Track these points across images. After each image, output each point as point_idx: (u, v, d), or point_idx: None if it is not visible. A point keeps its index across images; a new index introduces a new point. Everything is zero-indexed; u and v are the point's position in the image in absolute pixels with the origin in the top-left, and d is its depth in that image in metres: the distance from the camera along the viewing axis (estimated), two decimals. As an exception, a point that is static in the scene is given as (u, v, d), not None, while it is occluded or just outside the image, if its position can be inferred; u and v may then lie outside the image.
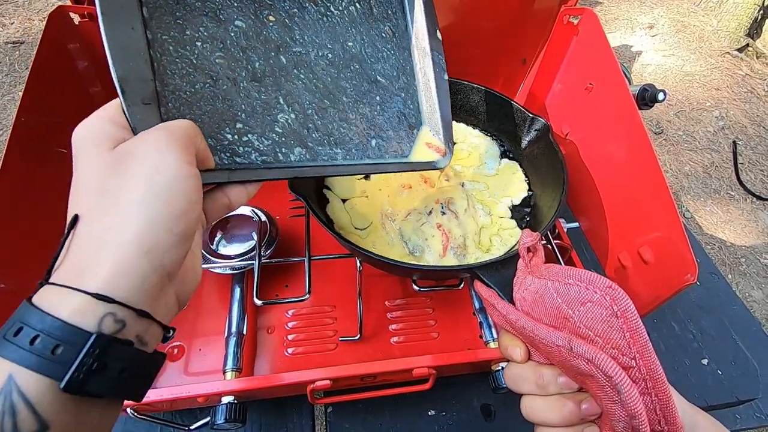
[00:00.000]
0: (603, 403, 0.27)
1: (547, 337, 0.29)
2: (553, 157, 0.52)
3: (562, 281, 0.30)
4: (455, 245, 0.48)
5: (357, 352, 0.51)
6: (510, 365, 0.33)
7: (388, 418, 0.50)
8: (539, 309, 0.31)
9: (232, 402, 0.42)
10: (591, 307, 0.28)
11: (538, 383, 0.31)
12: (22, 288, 0.38)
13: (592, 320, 0.28)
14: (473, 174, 0.57)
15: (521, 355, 0.32)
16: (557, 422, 0.29)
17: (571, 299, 0.29)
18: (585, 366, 0.27)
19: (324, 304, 0.55)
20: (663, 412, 0.26)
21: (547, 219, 0.47)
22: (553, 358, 0.30)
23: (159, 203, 0.22)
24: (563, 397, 0.29)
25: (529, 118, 0.56)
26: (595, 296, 0.28)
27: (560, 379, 0.30)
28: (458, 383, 0.52)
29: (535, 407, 0.31)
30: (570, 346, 0.28)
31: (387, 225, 0.50)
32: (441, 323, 0.55)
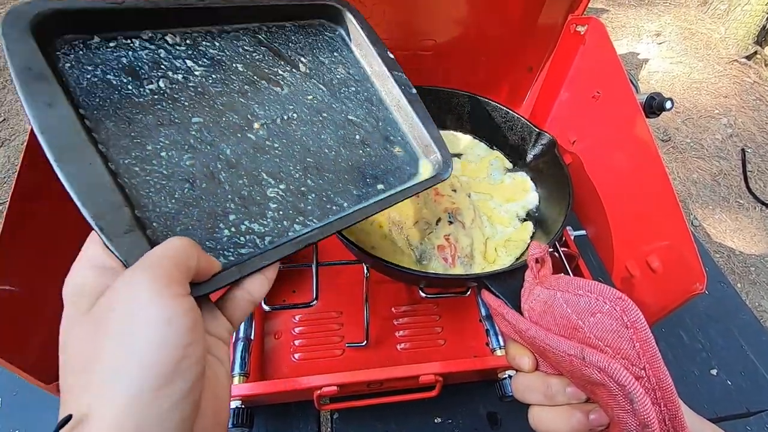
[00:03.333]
0: (614, 412, 0.27)
1: (558, 347, 0.30)
2: (559, 172, 0.52)
3: (572, 292, 0.30)
4: (462, 255, 0.48)
5: (363, 359, 0.51)
6: (517, 375, 0.33)
7: (394, 425, 0.50)
8: (548, 319, 0.31)
9: (240, 407, 0.42)
10: (601, 318, 0.28)
11: (546, 393, 0.31)
12: (33, 291, 0.38)
13: (602, 330, 0.28)
14: (479, 185, 0.57)
15: (529, 364, 0.32)
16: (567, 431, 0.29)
17: (581, 310, 0.29)
18: (597, 375, 0.27)
19: (331, 309, 0.55)
20: (672, 422, 0.26)
21: (554, 231, 0.47)
22: (563, 367, 0.30)
23: (142, 369, 0.19)
24: (571, 407, 0.30)
25: (536, 133, 0.56)
26: (605, 307, 0.28)
27: (568, 389, 0.30)
28: (464, 391, 0.52)
29: (543, 417, 0.31)
30: (582, 355, 0.28)
31: (395, 232, 0.51)
32: (447, 330, 0.55)
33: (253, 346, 0.49)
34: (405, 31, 0.58)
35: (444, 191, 0.53)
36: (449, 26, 0.59)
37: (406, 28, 0.58)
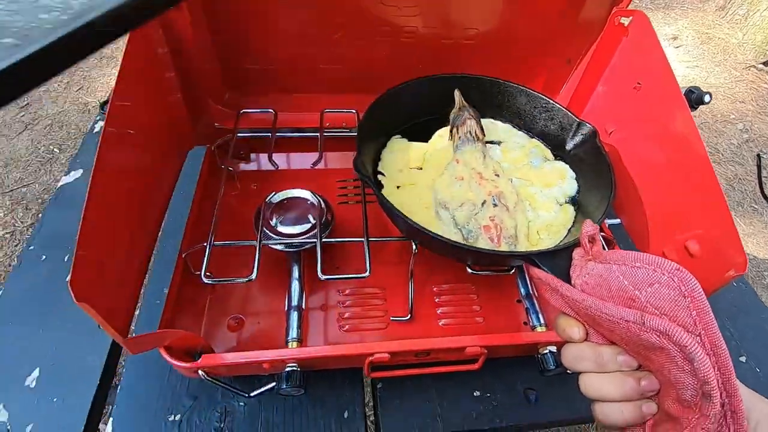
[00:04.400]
0: (671, 374, 0.29)
1: (616, 314, 0.31)
2: (600, 161, 0.54)
3: (630, 265, 0.31)
4: (507, 236, 0.50)
5: (407, 332, 0.54)
6: (568, 345, 0.35)
7: (435, 395, 0.52)
8: (603, 291, 0.33)
9: (296, 369, 0.45)
10: (659, 288, 0.29)
11: (597, 361, 0.32)
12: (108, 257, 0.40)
13: (659, 299, 0.29)
14: (520, 171, 0.59)
15: (579, 334, 0.34)
16: (617, 397, 0.31)
17: (639, 281, 0.30)
18: (656, 339, 0.29)
19: (374, 285, 0.57)
20: (726, 385, 0.27)
21: (595, 219, 0.49)
22: (616, 335, 0.32)
23: None
24: (623, 374, 0.31)
25: (576, 123, 0.58)
26: (663, 278, 0.29)
27: (620, 357, 0.31)
28: (502, 367, 0.54)
29: (595, 384, 0.32)
30: (642, 320, 0.30)
31: (441, 212, 0.53)
32: (486, 308, 0.57)
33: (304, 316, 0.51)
34: (448, 20, 0.60)
35: (487, 176, 0.55)
36: (492, 17, 0.61)
37: (450, 18, 0.60)
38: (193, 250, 0.51)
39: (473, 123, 0.59)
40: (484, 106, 0.63)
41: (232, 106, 0.67)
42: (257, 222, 0.54)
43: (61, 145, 1.90)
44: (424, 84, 0.60)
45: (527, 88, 0.61)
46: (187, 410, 0.49)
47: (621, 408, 0.31)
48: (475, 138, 0.58)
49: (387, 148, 0.60)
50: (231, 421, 0.48)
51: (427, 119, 0.63)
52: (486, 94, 0.63)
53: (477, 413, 0.52)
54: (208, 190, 0.62)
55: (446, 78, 0.61)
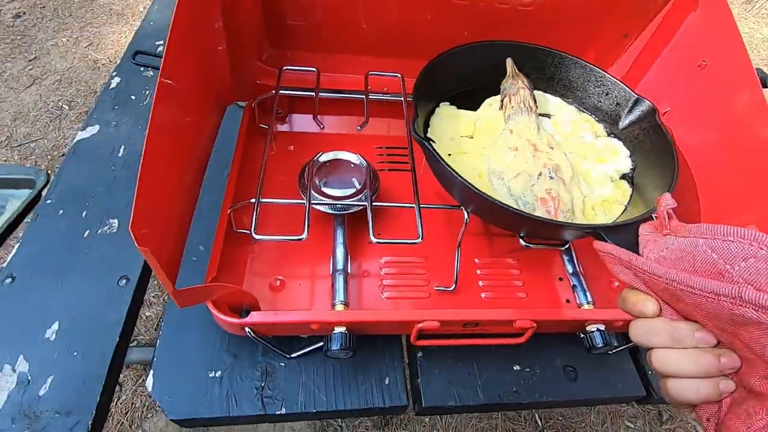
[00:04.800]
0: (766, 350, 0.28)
1: (707, 287, 0.30)
2: (661, 140, 0.52)
3: (720, 238, 0.30)
4: (564, 210, 0.49)
5: (449, 303, 0.53)
6: (638, 320, 0.34)
7: (475, 368, 0.52)
8: (684, 266, 0.32)
9: (345, 332, 0.44)
10: (755, 263, 0.28)
11: (673, 337, 0.31)
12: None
13: (755, 274, 0.28)
14: (572, 146, 0.57)
15: (654, 309, 0.33)
16: (693, 373, 0.30)
17: (732, 255, 0.29)
18: (753, 313, 0.28)
19: (416, 254, 0.56)
20: None
21: (651, 196, 0.48)
22: (700, 311, 0.31)
23: None
24: (701, 350, 0.30)
25: (633, 99, 0.56)
26: (760, 252, 0.28)
27: (697, 333, 0.30)
28: (542, 343, 0.54)
29: (669, 359, 0.31)
30: (739, 293, 0.29)
31: (495, 182, 0.51)
32: (528, 284, 0.56)
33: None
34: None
35: (541, 148, 0.53)
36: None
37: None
38: (238, 206, 0.49)
39: (527, 93, 0.57)
40: (536, 77, 0.61)
41: (274, 63, 0.64)
42: (302, 181, 0.53)
43: (71, 101, 1.86)
44: (479, 49, 0.58)
45: (583, 60, 0.59)
46: (227, 367, 0.48)
47: (698, 384, 0.30)
48: (528, 109, 0.56)
49: (436, 114, 0.58)
50: (272, 381, 0.48)
51: (475, 87, 0.61)
52: (539, 65, 0.61)
53: (517, 387, 0.51)
54: (248, 148, 0.59)
55: (501, 45, 0.59)
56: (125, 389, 1.24)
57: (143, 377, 1.26)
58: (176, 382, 0.47)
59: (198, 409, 0.45)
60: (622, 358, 0.55)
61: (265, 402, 0.46)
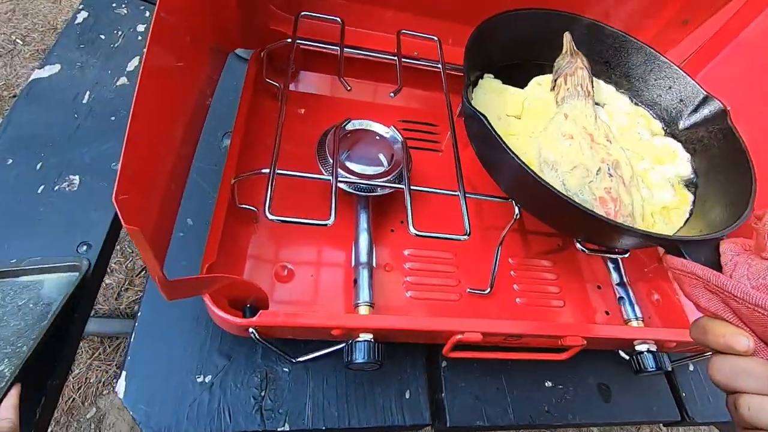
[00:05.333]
0: None
1: None
2: (733, 147, 0.46)
3: None
4: (625, 213, 0.42)
5: (482, 308, 0.46)
6: (724, 357, 0.28)
7: (504, 382, 0.46)
8: None
9: (371, 340, 0.36)
10: None
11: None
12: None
13: None
14: (628, 141, 0.51)
15: (749, 345, 0.28)
16: None
17: None
18: None
19: (445, 249, 0.48)
20: None
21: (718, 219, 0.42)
22: None
23: None
24: None
25: (702, 97, 0.49)
26: None
27: None
28: (576, 359, 0.48)
29: (765, 409, 0.26)
30: None
31: (547, 173, 0.44)
32: (565, 291, 0.50)
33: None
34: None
35: (599, 139, 0.46)
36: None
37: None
38: (245, 176, 0.40)
39: (585, 74, 0.50)
40: (590, 59, 0.54)
41: (287, 8, 0.53)
42: (323, 153, 0.43)
43: (25, 36, 1.64)
44: (535, 17, 0.50)
45: (648, 46, 0.52)
46: (219, 371, 0.40)
47: None
48: (586, 93, 0.49)
49: (479, 87, 0.50)
50: (274, 390, 0.40)
51: (523, 62, 0.53)
52: (596, 46, 0.53)
53: (549, 406, 0.46)
54: (252, 108, 0.49)
55: (559, 16, 0.51)
56: (78, 363, 1.12)
57: (99, 350, 1.15)
58: (155, 387, 0.38)
59: (181, 422, 0.37)
60: (657, 379, 0.50)
61: (265, 416, 0.39)
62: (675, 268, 0.33)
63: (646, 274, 0.53)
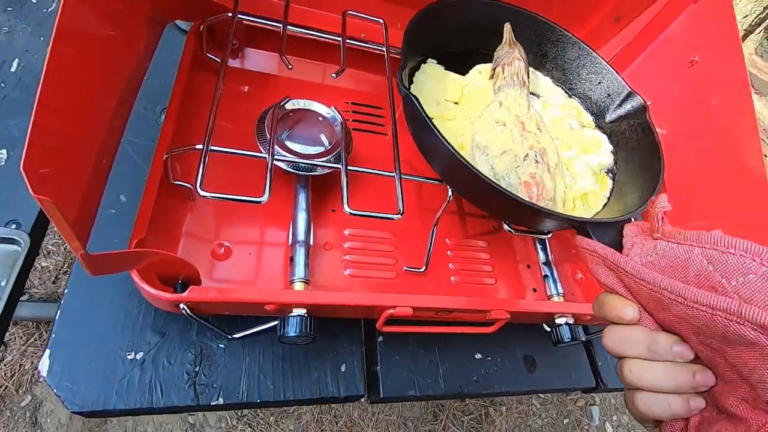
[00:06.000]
0: (756, 372, 0.26)
1: (701, 299, 0.28)
2: (648, 140, 0.50)
3: (721, 249, 0.27)
4: (547, 198, 0.45)
5: (418, 285, 0.48)
6: (614, 327, 0.32)
7: (437, 355, 0.49)
8: (676, 274, 0.29)
9: (305, 315, 0.37)
10: (754, 280, 0.26)
11: (650, 348, 0.30)
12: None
13: (754, 292, 0.26)
14: (558, 131, 0.54)
15: (633, 315, 0.31)
16: (666, 388, 0.29)
17: (730, 269, 0.27)
18: (751, 333, 0.26)
19: (384, 229, 0.50)
20: None
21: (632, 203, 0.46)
22: (687, 323, 0.29)
23: None
24: (676, 364, 0.29)
25: (626, 92, 0.53)
26: (761, 269, 0.26)
27: (676, 347, 0.29)
28: (504, 332, 0.51)
29: (644, 372, 0.30)
30: (739, 310, 0.27)
31: (478, 156, 0.46)
32: (497, 271, 0.53)
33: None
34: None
35: (530, 128, 0.49)
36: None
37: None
38: (179, 152, 0.39)
39: (521, 65, 0.52)
40: (529, 51, 0.56)
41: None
42: (262, 131, 0.43)
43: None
44: (479, 5, 0.51)
45: (583, 42, 0.55)
46: (152, 348, 0.39)
47: (668, 400, 0.28)
48: (521, 83, 0.51)
49: (421, 71, 0.51)
50: (208, 366, 0.40)
51: (466, 49, 0.55)
52: (535, 38, 0.56)
53: (478, 376, 0.49)
54: (190, 83, 0.48)
55: (503, 7, 0.53)
56: (11, 349, 1.07)
57: (35, 336, 1.09)
58: (81, 365, 0.37)
59: (110, 399, 0.36)
60: (578, 349, 0.55)
61: (199, 390, 0.39)
62: (582, 247, 0.36)
63: (573, 255, 0.57)
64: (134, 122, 0.46)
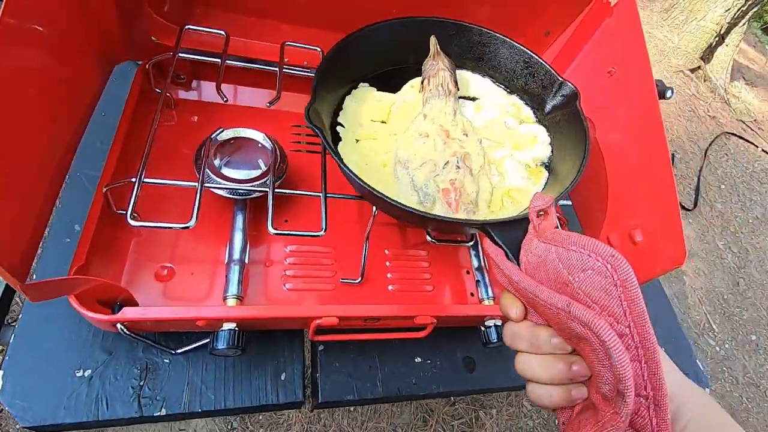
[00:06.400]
0: (593, 365, 0.28)
1: (548, 299, 0.30)
2: (577, 125, 0.52)
3: (566, 247, 0.30)
4: (467, 201, 0.48)
5: (355, 295, 0.51)
6: (509, 323, 0.34)
7: (377, 360, 0.52)
8: (541, 273, 0.31)
9: (234, 329, 0.41)
10: (591, 275, 0.28)
11: (532, 342, 0.32)
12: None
13: (590, 287, 0.28)
14: (491, 131, 0.56)
15: (518, 314, 0.33)
16: (547, 380, 0.31)
17: (573, 265, 0.29)
18: (581, 329, 0.28)
19: (325, 243, 0.53)
20: (650, 379, 0.27)
21: (563, 186, 0.48)
22: (551, 320, 0.31)
23: None
24: (555, 357, 0.31)
25: (558, 82, 0.55)
26: (596, 264, 0.28)
27: (554, 340, 0.30)
28: (444, 335, 0.55)
29: (528, 364, 0.32)
30: (569, 309, 0.29)
31: (400, 171, 0.50)
32: (436, 277, 0.56)
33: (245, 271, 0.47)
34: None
35: (455, 134, 0.52)
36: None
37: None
38: (117, 185, 0.43)
39: (446, 75, 0.55)
40: (465, 57, 0.59)
41: (175, 20, 0.56)
42: (198, 161, 0.47)
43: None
44: (399, 26, 0.54)
45: (510, 39, 0.57)
46: (99, 366, 0.43)
47: (550, 391, 0.30)
48: (446, 92, 0.54)
49: (352, 96, 0.54)
50: (153, 380, 0.44)
51: (401, 67, 0.58)
52: (467, 44, 0.58)
53: (416, 379, 0.52)
54: (138, 117, 0.52)
55: (425, 21, 0.56)
56: None
57: None
58: (33, 382, 0.41)
59: (58, 413, 0.40)
60: (517, 350, 0.57)
61: (143, 403, 0.42)
62: (484, 250, 0.38)
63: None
64: (90, 154, 0.50)
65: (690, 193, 2.20)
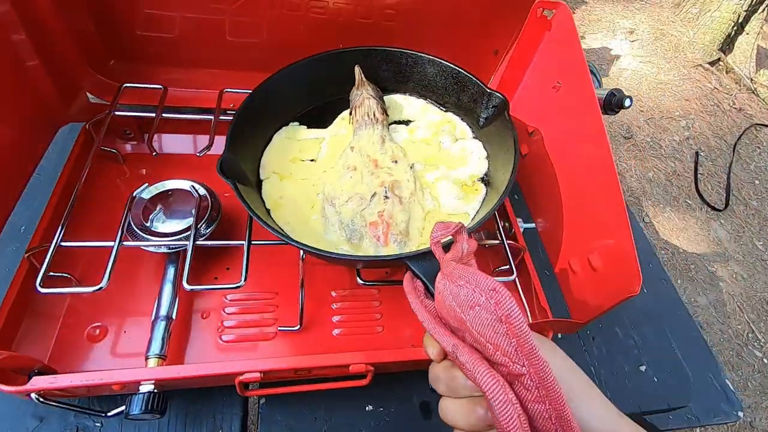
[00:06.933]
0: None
1: (441, 341, 0.28)
2: (506, 132, 0.49)
3: (455, 282, 0.27)
4: (396, 232, 0.46)
5: (296, 343, 0.49)
6: (432, 364, 0.32)
7: (324, 411, 0.49)
8: (443, 310, 0.29)
9: (152, 391, 0.39)
10: (479, 311, 0.26)
11: (449, 386, 0.29)
12: None
13: (481, 325, 0.26)
14: (425, 153, 0.54)
15: (434, 354, 0.31)
16: (464, 427, 0.28)
17: (462, 302, 0.27)
18: (469, 375, 0.26)
19: (265, 290, 0.52)
20: (558, 420, 0.24)
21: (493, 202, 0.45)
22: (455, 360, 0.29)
23: None
24: (472, 401, 0.28)
25: (487, 93, 0.53)
26: (481, 299, 0.26)
27: (468, 382, 0.27)
28: (399, 379, 0.51)
29: (447, 409, 0.29)
30: (455, 353, 0.27)
31: (327, 210, 0.48)
32: (387, 317, 0.53)
33: (175, 326, 0.46)
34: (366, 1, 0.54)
35: (383, 163, 0.50)
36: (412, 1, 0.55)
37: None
38: (35, 250, 0.43)
39: (372, 103, 0.53)
40: (396, 81, 0.58)
41: (119, 78, 0.58)
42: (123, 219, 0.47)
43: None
44: (317, 62, 0.54)
45: (435, 57, 0.56)
46: (29, 433, 0.43)
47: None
48: (373, 120, 0.53)
49: (277, 135, 0.54)
50: (83, 445, 0.43)
51: (337, 99, 0.57)
52: (395, 68, 0.57)
53: (367, 429, 0.48)
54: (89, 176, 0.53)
55: (346, 53, 0.55)
56: None
57: None
58: (-39, 455, 0.41)
59: (-17, 486, 0.40)
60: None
61: (70, 470, 0.41)
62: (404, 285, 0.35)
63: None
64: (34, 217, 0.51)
65: (720, 193, 2.05)
